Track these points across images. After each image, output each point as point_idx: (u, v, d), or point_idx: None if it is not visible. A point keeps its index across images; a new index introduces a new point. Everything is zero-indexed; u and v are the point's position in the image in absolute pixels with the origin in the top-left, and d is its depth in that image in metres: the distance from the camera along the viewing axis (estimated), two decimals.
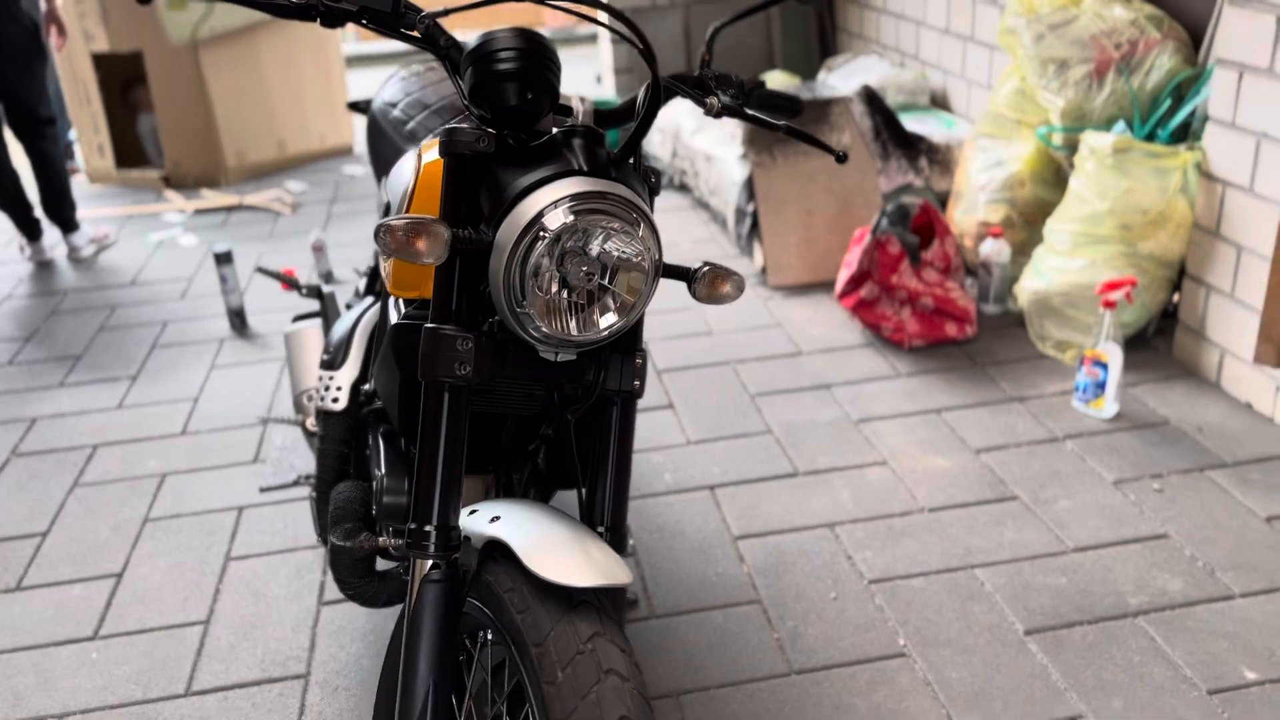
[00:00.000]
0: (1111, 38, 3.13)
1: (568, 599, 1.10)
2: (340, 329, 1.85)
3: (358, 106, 2.47)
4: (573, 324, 1.15)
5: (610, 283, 1.13)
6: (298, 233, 4.53)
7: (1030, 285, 3.09)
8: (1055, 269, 3.02)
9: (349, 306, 2.17)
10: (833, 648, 1.96)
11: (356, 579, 1.63)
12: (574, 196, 1.10)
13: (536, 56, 1.14)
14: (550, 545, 1.13)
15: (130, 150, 5.52)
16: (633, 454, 1.48)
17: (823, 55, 5.46)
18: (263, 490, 2.54)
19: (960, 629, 2.00)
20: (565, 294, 1.13)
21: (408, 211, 1.38)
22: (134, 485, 2.61)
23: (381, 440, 1.65)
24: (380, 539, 1.60)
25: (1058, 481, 2.45)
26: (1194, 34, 3.15)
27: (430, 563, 1.19)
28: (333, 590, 2.17)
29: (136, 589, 2.21)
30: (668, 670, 1.92)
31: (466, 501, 1.60)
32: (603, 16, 5.20)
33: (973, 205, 3.49)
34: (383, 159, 2.01)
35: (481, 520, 1.21)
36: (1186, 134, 3.01)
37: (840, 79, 4.54)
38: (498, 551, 1.19)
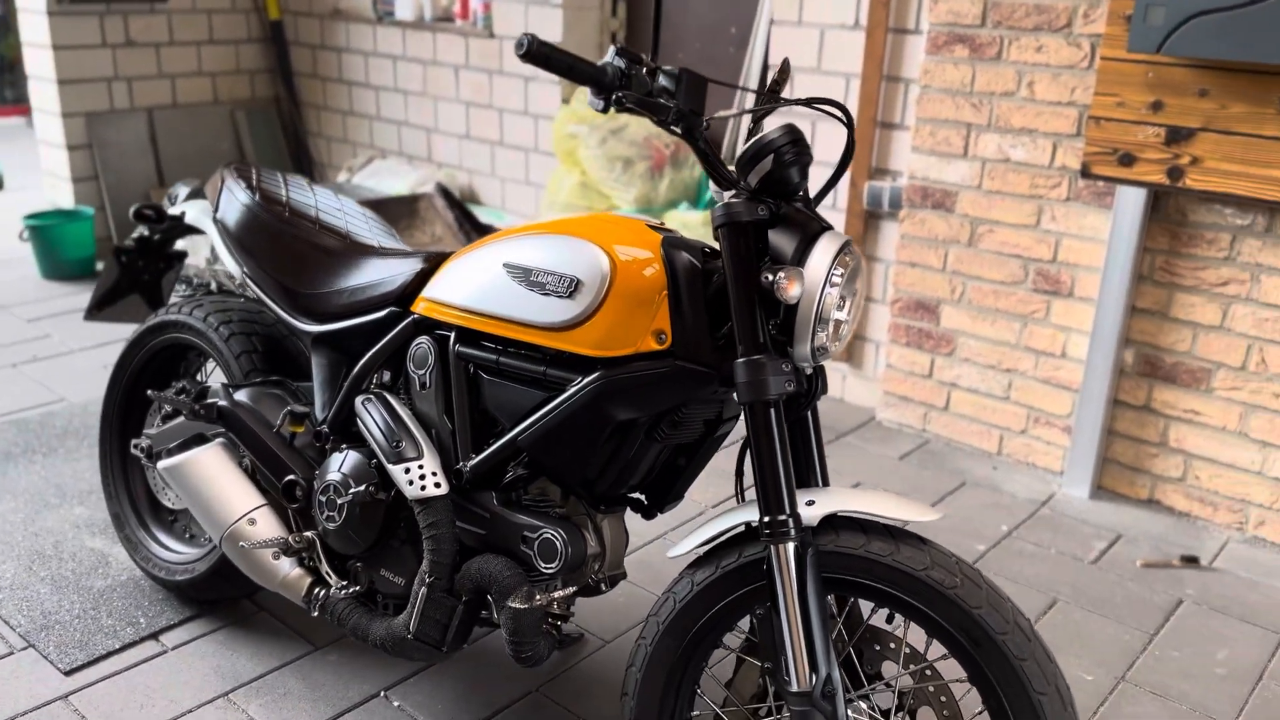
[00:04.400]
0: (660, 139, 4.05)
1: (920, 539, 1.55)
2: (378, 426, 1.87)
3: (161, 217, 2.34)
4: (837, 341, 1.59)
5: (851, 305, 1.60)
6: None
7: None
8: None
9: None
10: None
11: (536, 638, 1.75)
12: (843, 246, 1.56)
13: (806, 148, 1.57)
14: (875, 503, 1.55)
15: None
16: None
17: (298, 162, 5.64)
18: None
19: None
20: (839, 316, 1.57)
21: (606, 302, 1.64)
22: None
23: (520, 506, 1.79)
24: (558, 593, 1.76)
25: None
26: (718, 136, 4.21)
27: (793, 545, 1.52)
28: None
29: None
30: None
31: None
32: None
33: None
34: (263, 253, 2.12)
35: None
36: None
37: (370, 179, 4.85)
38: (828, 525, 1.57)
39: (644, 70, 1.53)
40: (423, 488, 1.80)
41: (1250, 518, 2.90)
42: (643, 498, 1.89)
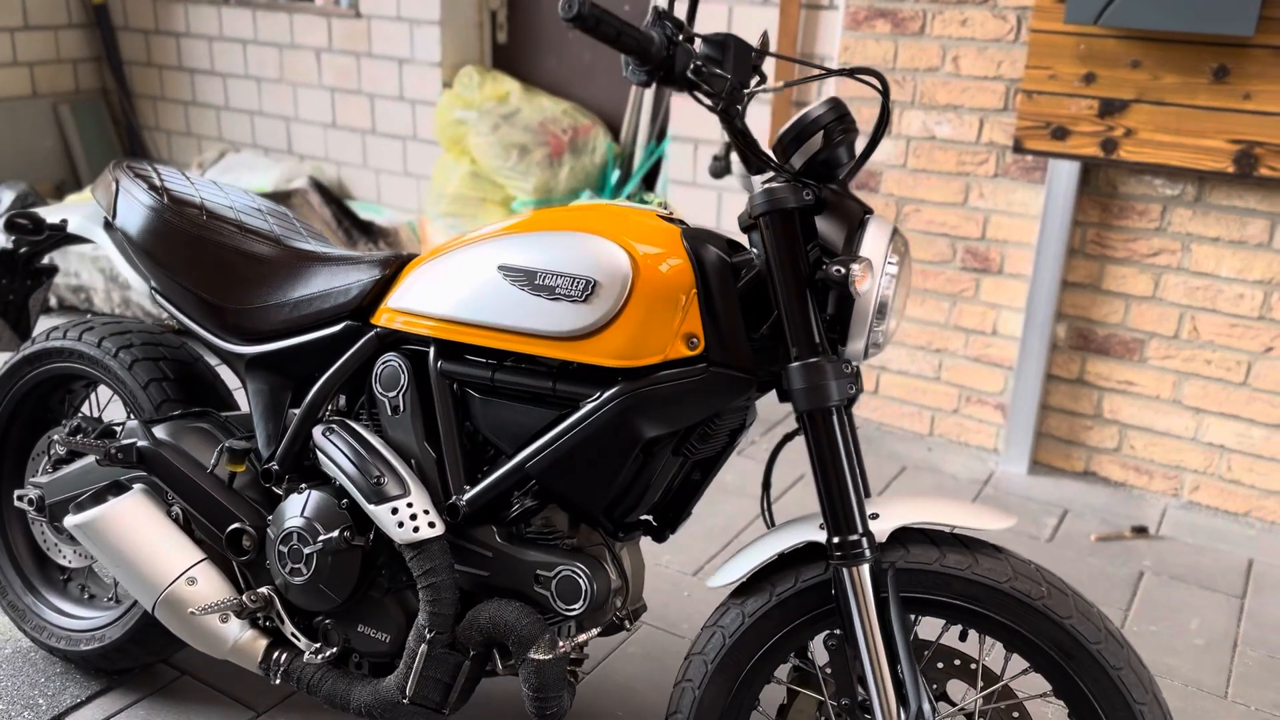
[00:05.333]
0: (557, 124, 3.83)
1: (994, 548, 1.43)
2: (349, 460, 1.61)
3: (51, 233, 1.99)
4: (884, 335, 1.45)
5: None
6: None
7: None
8: None
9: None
10: None
11: (561, 690, 1.54)
12: (894, 231, 1.42)
13: (853, 124, 1.41)
14: (945, 511, 1.42)
15: None
16: None
17: (133, 154, 5.11)
18: None
19: None
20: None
21: (628, 305, 1.44)
22: None
23: (527, 541, 1.58)
24: (582, 637, 1.56)
25: None
26: (606, 120, 4.00)
27: (867, 566, 1.37)
28: None
29: None
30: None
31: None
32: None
33: None
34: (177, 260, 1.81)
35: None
36: (641, 191, 3.85)
37: (226, 176, 4.42)
38: (893, 539, 1.42)
39: (684, 39, 1.34)
40: (415, 529, 1.56)
41: (1185, 484, 2.95)
42: (652, 519, 1.71)
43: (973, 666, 1.50)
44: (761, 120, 3.33)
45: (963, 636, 1.46)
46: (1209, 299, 2.80)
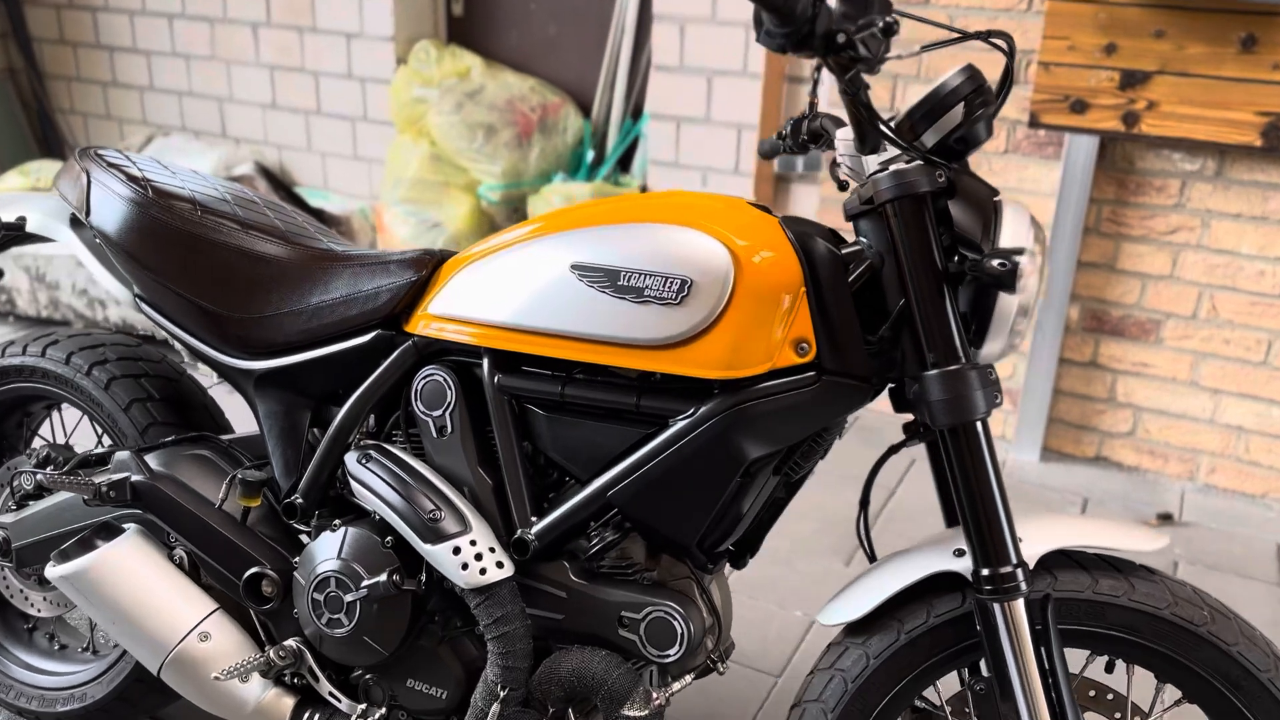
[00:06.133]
0: (524, 102, 3.59)
1: (1148, 570, 1.28)
2: (396, 492, 1.39)
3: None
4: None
5: None
6: None
7: None
8: None
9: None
10: None
11: None
12: (1030, 216, 1.26)
13: (991, 96, 1.24)
14: (1095, 532, 1.28)
15: None
16: None
17: (47, 145, 4.70)
18: None
19: None
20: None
21: (730, 307, 1.26)
22: None
23: (604, 578, 1.38)
24: (676, 686, 1.38)
25: None
26: (575, 97, 3.77)
27: (1020, 601, 1.21)
28: None
29: None
30: None
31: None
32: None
33: None
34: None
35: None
36: (617, 174, 3.64)
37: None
38: (1040, 566, 1.27)
39: None
40: (482, 570, 1.35)
41: (1201, 466, 2.88)
42: (731, 545, 1.52)
43: (1110, 698, 1.36)
44: (753, 100, 3.15)
45: (1109, 668, 1.31)
46: (1229, 277, 2.71)
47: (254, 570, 1.51)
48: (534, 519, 1.40)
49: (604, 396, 1.35)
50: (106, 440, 1.81)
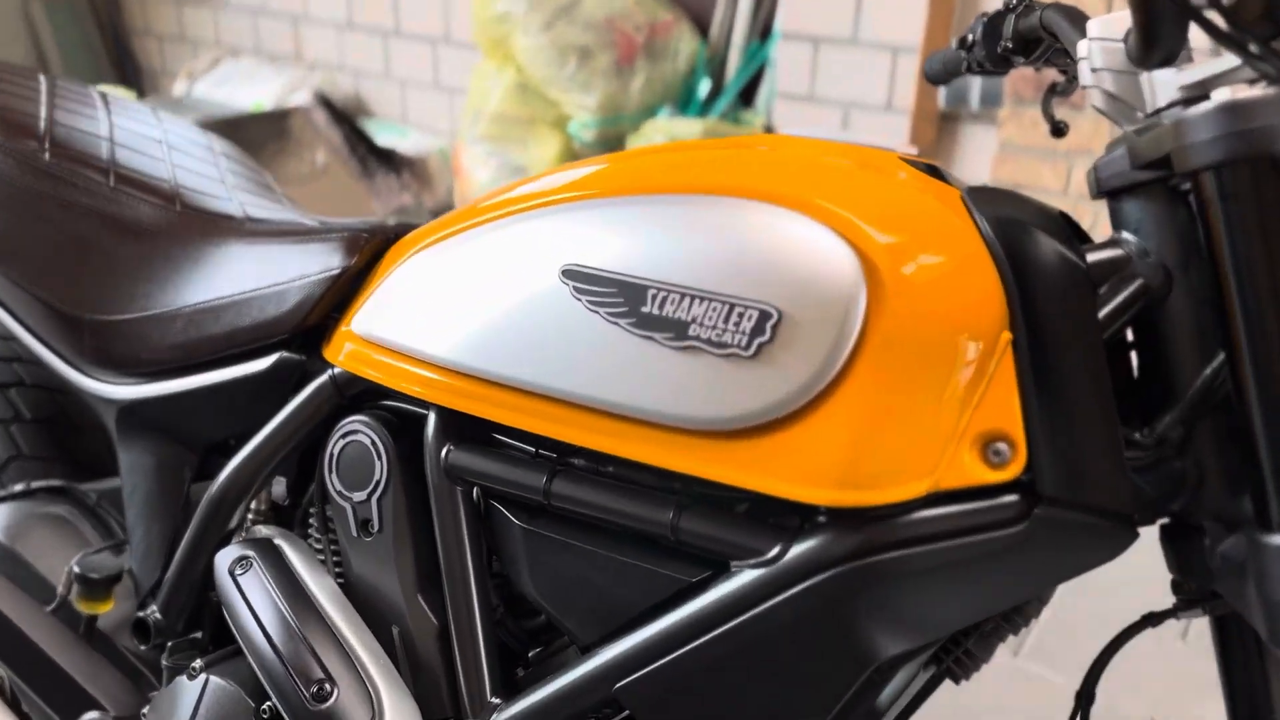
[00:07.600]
0: (628, 20, 2.96)
1: None
2: (264, 642, 0.84)
3: None
4: None
5: None
6: None
7: None
8: None
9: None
10: None
11: None
12: None
13: None
14: None
15: None
16: None
17: (120, 63, 4.33)
18: None
19: None
20: None
21: (855, 363, 0.63)
22: None
23: None
24: None
25: None
26: (690, 13, 3.11)
27: None
28: None
29: None
30: None
31: None
32: None
33: None
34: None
35: None
36: (738, 108, 2.99)
37: (219, 89, 3.63)
38: None
39: None
40: None
41: None
42: None
43: None
44: (917, 13, 2.43)
45: None
46: None
47: (91, 716, 0.98)
48: (495, 700, 0.81)
49: (617, 508, 0.75)
50: None
